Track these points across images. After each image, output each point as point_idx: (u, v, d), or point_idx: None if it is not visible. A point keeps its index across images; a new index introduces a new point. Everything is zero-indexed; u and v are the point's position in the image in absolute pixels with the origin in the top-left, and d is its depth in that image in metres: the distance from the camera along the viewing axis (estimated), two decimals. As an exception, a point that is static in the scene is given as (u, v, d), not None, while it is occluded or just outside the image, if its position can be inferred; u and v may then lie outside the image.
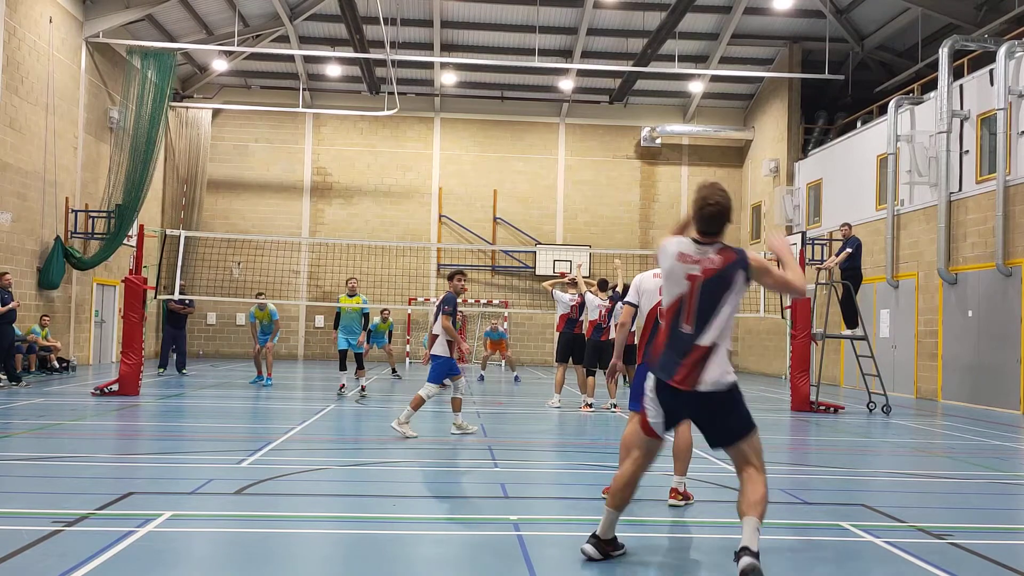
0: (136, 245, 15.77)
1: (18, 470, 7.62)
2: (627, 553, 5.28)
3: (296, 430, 10.70)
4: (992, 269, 16.88)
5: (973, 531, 6.24)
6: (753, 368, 29.01)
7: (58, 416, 11.58)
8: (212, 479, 7.37)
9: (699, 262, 4.85)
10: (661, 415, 4.94)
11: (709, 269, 4.83)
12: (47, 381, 17.16)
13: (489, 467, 8.48)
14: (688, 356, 4.77)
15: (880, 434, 12.37)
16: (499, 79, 29.27)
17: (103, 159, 23.43)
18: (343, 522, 6.16)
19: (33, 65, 19.85)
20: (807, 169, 25.64)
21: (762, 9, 24.86)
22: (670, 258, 5.02)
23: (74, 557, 4.87)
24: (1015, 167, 16.50)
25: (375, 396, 15.91)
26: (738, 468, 4.90)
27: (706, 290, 4.81)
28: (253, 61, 28.11)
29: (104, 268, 23.29)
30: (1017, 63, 16.68)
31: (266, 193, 29.65)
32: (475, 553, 5.45)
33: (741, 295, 4.87)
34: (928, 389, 19.03)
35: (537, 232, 29.95)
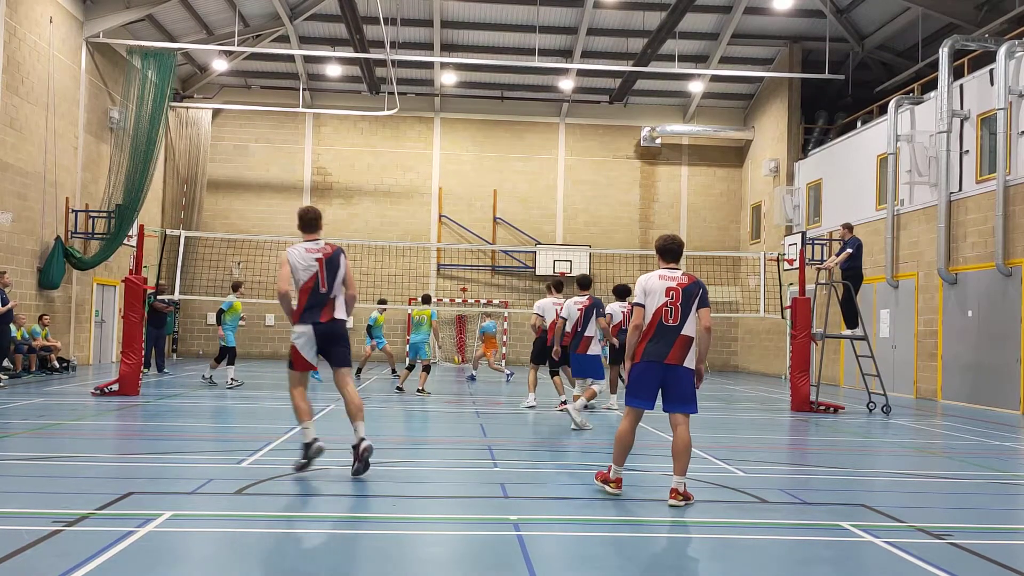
0: (136, 245, 15.78)
1: (18, 470, 7.62)
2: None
3: (296, 430, 10.69)
4: (992, 269, 16.88)
5: (973, 531, 6.24)
6: (753, 368, 29.01)
7: (58, 416, 11.58)
8: (212, 479, 7.37)
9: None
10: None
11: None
12: (47, 381, 17.16)
13: (489, 467, 8.48)
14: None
15: (880, 434, 12.37)
16: (499, 79, 29.27)
17: (103, 159, 23.43)
18: (343, 522, 6.16)
19: (33, 65, 19.85)
20: (807, 169, 25.65)
21: (762, 9, 24.86)
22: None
23: (74, 557, 4.87)
24: (1015, 167, 16.51)
25: (375, 396, 15.92)
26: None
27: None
28: (253, 61, 28.11)
29: (104, 268, 23.30)
30: (1017, 63, 16.68)
31: (266, 193, 29.65)
32: (475, 553, 5.46)
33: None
34: (928, 389, 19.03)
35: (537, 232, 29.95)
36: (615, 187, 30.47)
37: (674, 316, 6.79)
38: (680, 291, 6.85)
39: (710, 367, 30.15)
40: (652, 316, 6.82)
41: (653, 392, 6.85)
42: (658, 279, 6.95)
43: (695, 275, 7.07)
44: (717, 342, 30.67)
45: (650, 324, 6.83)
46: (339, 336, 7.75)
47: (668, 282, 6.87)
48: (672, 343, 6.76)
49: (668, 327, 6.78)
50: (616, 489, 7.01)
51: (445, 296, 29.40)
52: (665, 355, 6.75)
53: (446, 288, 29.64)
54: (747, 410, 15.60)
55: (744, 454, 9.84)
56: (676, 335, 6.76)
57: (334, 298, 7.69)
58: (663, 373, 6.78)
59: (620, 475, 7.05)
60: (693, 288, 6.89)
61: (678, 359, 6.77)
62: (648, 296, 6.93)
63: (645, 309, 6.91)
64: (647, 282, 6.98)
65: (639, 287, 7.01)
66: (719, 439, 11.12)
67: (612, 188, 30.45)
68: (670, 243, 7.11)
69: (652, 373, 6.79)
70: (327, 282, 7.62)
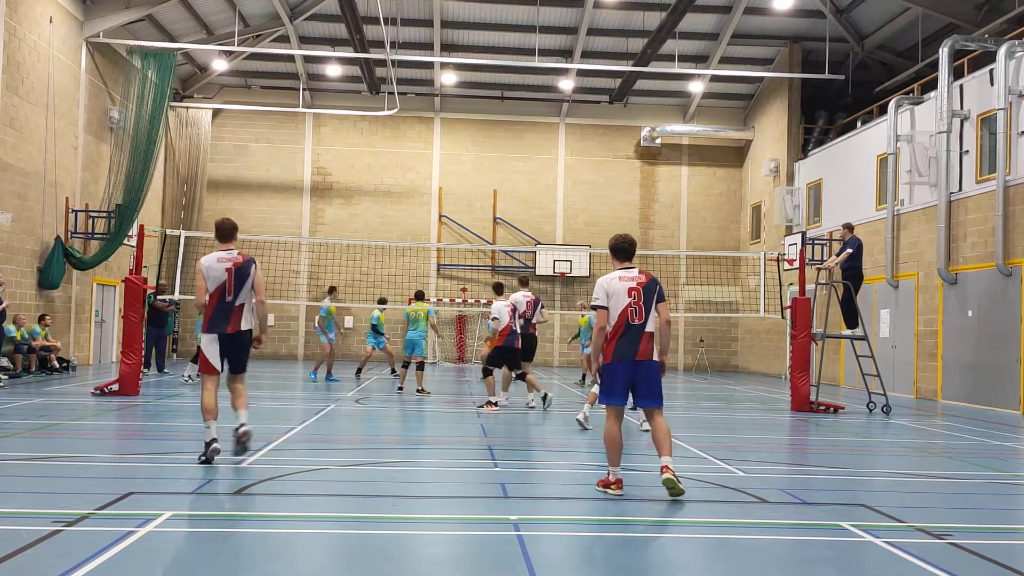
0: (136, 245, 15.78)
1: (18, 470, 7.62)
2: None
3: (296, 430, 10.70)
4: (992, 269, 16.88)
5: (973, 531, 6.24)
6: (753, 368, 29.01)
7: (58, 416, 11.58)
8: (212, 479, 7.37)
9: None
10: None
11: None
12: (47, 381, 17.15)
13: (489, 467, 8.48)
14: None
15: (880, 434, 12.37)
16: (499, 79, 29.27)
17: (103, 159, 23.43)
18: (343, 522, 6.16)
19: (33, 65, 19.85)
20: (807, 169, 25.65)
21: (762, 9, 24.86)
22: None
23: (74, 557, 4.87)
24: (1015, 167, 16.50)
25: (376, 396, 15.92)
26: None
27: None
28: (253, 61, 28.12)
29: (104, 268, 23.30)
30: (1017, 63, 16.68)
31: (266, 193, 29.65)
32: (475, 553, 5.46)
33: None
34: (928, 389, 19.03)
35: (537, 232, 29.95)
36: (615, 187, 30.47)
37: (639, 315, 7.08)
38: (641, 290, 7.14)
39: (710, 367, 30.18)
40: (618, 317, 7.06)
41: (627, 388, 7.12)
42: (619, 280, 7.17)
43: (650, 272, 7.36)
44: (717, 342, 30.70)
45: (617, 324, 7.07)
46: (242, 347, 8.15)
47: (629, 282, 7.14)
48: (639, 340, 7.07)
49: (634, 325, 7.06)
50: (618, 490, 7.07)
51: (445, 296, 29.40)
52: (635, 352, 7.05)
53: (446, 288, 29.64)
54: (747, 410, 15.60)
55: (744, 454, 9.84)
56: (642, 332, 7.08)
57: (241, 306, 8.05)
58: (634, 369, 7.06)
59: (619, 476, 7.13)
60: (651, 285, 7.19)
61: (646, 354, 7.09)
62: (611, 298, 7.13)
63: (609, 311, 7.11)
64: (608, 284, 7.17)
65: (600, 289, 7.19)
66: (719, 439, 11.12)
67: (612, 188, 30.45)
68: (622, 242, 7.37)
69: (624, 371, 7.06)
70: (233, 290, 8.00)
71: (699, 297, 29.31)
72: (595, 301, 7.19)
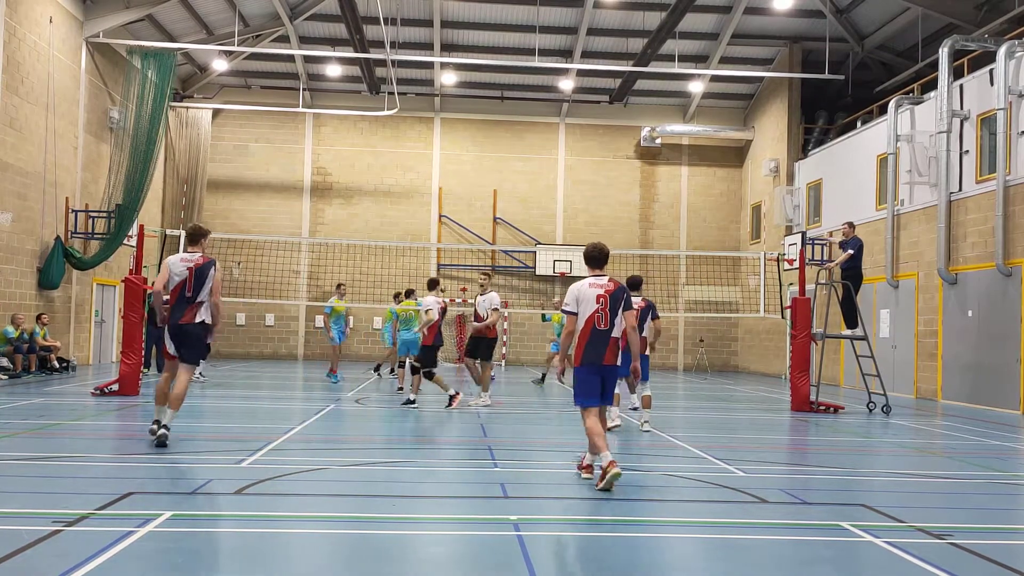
0: (136, 245, 15.79)
1: (18, 470, 7.62)
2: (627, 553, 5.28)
3: (296, 430, 10.70)
4: (992, 269, 16.88)
5: (973, 531, 6.24)
6: (753, 368, 29.02)
7: (58, 416, 11.58)
8: (212, 479, 7.37)
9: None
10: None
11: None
12: (47, 381, 17.16)
13: (489, 467, 8.48)
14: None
15: (880, 434, 12.37)
16: (499, 79, 29.27)
17: (103, 159, 23.43)
18: (343, 522, 6.16)
19: (33, 65, 19.85)
20: (807, 169, 25.65)
21: (762, 9, 24.86)
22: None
23: (74, 557, 4.87)
24: (1015, 167, 16.51)
25: (376, 396, 15.91)
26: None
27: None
28: (253, 61, 28.11)
29: (104, 268, 23.29)
30: (1017, 63, 16.68)
31: (266, 193, 29.65)
32: (475, 553, 5.46)
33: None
34: (928, 389, 19.03)
35: (537, 232, 29.95)
36: (615, 187, 30.47)
37: (605, 321, 7.45)
38: (608, 297, 7.50)
39: (710, 367, 30.18)
40: (586, 322, 7.45)
41: (598, 390, 7.55)
42: (588, 287, 7.55)
43: (618, 281, 7.77)
44: (717, 342, 30.69)
45: (584, 329, 7.47)
46: (191, 336, 8.91)
47: (597, 289, 7.50)
48: (606, 345, 7.47)
49: (601, 331, 7.46)
50: (588, 475, 7.66)
51: (445, 296, 29.35)
52: (602, 357, 7.48)
53: (446, 288, 29.62)
54: (747, 410, 15.60)
55: (744, 454, 9.85)
56: (608, 338, 7.48)
57: (200, 303, 8.92)
58: (602, 373, 7.51)
59: (611, 458, 7.20)
60: (618, 293, 7.56)
61: (612, 360, 7.52)
62: (581, 304, 7.51)
63: (578, 316, 7.49)
64: (579, 291, 7.56)
65: (571, 295, 7.57)
66: (719, 439, 11.12)
67: (612, 188, 30.45)
68: (594, 251, 7.79)
69: (594, 375, 7.51)
70: (193, 288, 8.89)
71: (699, 297, 29.30)
72: (565, 307, 7.58)
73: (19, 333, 18.10)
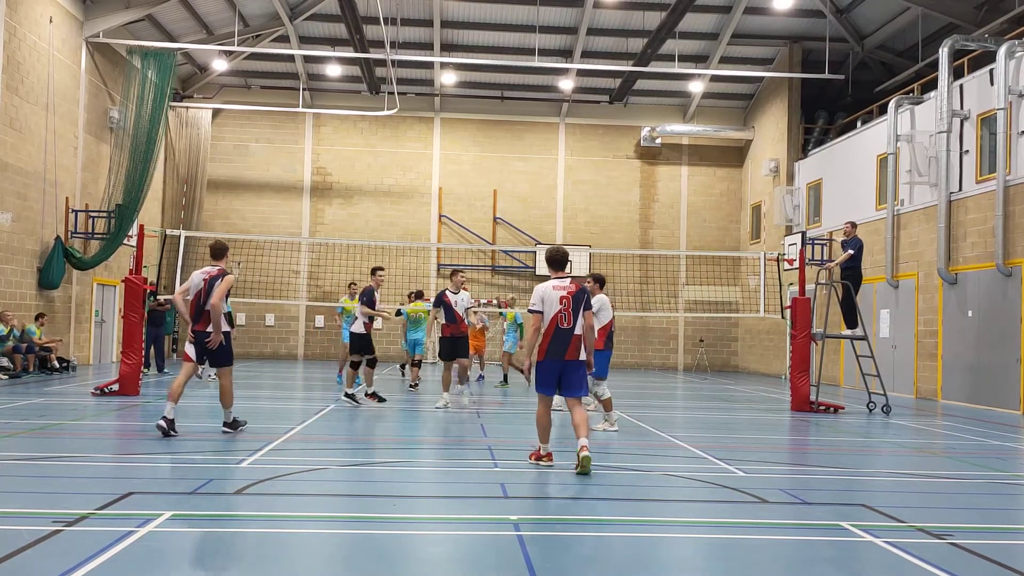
0: (136, 245, 15.78)
1: (18, 470, 7.62)
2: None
3: (296, 430, 10.71)
4: (992, 269, 16.88)
5: (973, 531, 6.24)
6: (753, 368, 29.02)
7: (58, 416, 11.58)
8: (212, 479, 7.37)
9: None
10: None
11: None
12: (47, 381, 17.15)
13: (489, 467, 8.48)
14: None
15: (880, 434, 12.37)
16: (499, 79, 29.27)
17: (103, 159, 23.43)
18: (343, 522, 6.16)
19: (33, 65, 19.85)
20: (807, 169, 25.64)
21: (762, 9, 24.86)
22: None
23: (74, 557, 4.87)
24: (1015, 167, 16.50)
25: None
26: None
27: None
28: (253, 61, 28.11)
29: (104, 268, 23.30)
30: (1017, 63, 16.68)
31: (266, 193, 29.65)
32: (475, 553, 5.46)
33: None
34: (928, 389, 19.03)
35: (537, 232, 29.95)
36: (615, 187, 30.47)
37: (567, 320, 8.16)
38: (570, 298, 8.18)
39: (710, 367, 30.19)
40: (550, 321, 8.16)
41: (555, 382, 8.24)
42: (552, 289, 8.23)
43: (580, 282, 8.53)
44: (717, 342, 30.70)
45: (548, 327, 8.17)
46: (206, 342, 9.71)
47: (560, 291, 8.18)
48: (568, 342, 8.16)
49: (563, 329, 8.15)
50: (550, 462, 8.30)
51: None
52: (564, 353, 8.15)
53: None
54: (747, 410, 15.60)
55: (744, 454, 9.84)
56: (570, 335, 8.17)
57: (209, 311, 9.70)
58: (562, 367, 8.17)
59: (549, 451, 8.32)
60: (579, 295, 8.24)
61: (573, 355, 8.18)
62: (545, 304, 8.20)
63: (543, 315, 8.19)
64: (544, 292, 8.25)
65: (536, 296, 8.29)
66: (719, 439, 11.12)
67: (612, 188, 30.45)
68: (556, 254, 8.41)
69: (554, 368, 8.18)
70: (205, 298, 9.70)
71: (699, 297, 29.31)
72: (532, 306, 8.28)
73: (9, 330, 17.97)
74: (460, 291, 14.29)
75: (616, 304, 28.79)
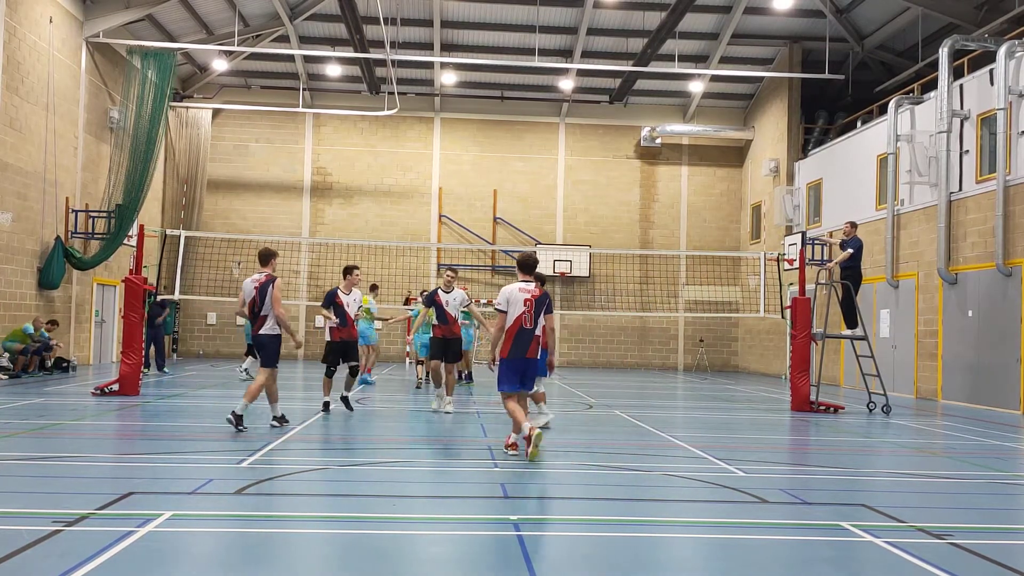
0: (136, 245, 15.78)
1: (18, 470, 7.62)
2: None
3: (296, 430, 10.71)
4: (992, 269, 16.88)
5: (973, 531, 6.24)
6: (753, 368, 29.02)
7: (58, 416, 11.58)
8: (212, 479, 7.37)
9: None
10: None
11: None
12: (47, 381, 17.15)
13: (489, 467, 8.48)
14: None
15: (880, 434, 12.37)
16: (499, 79, 29.27)
17: (103, 159, 23.43)
18: (343, 522, 6.16)
19: (33, 65, 19.85)
20: (807, 169, 25.64)
21: (762, 9, 24.86)
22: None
23: (74, 557, 4.87)
24: (1015, 167, 16.50)
25: (376, 396, 15.92)
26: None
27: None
28: (253, 61, 28.11)
29: (104, 268, 23.30)
30: (1017, 63, 16.68)
31: (266, 193, 29.65)
32: (475, 553, 5.46)
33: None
34: (928, 389, 19.03)
35: (537, 232, 29.95)
36: (615, 187, 30.47)
37: (530, 321, 8.77)
38: (534, 301, 8.79)
39: (710, 367, 30.19)
40: (514, 321, 8.72)
41: (519, 379, 8.88)
42: (518, 291, 8.79)
43: (543, 287, 9.14)
44: (717, 342, 30.71)
45: (512, 327, 8.74)
46: (261, 344, 10.58)
47: (525, 294, 8.77)
48: (530, 342, 8.79)
49: (526, 330, 8.77)
50: (515, 451, 8.83)
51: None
52: (526, 351, 8.80)
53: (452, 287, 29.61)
54: (747, 410, 15.60)
55: (744, 454, 9.84)
56: (532, 336, 8.80)
57: (265, 316, 10.45)
58: (524, 365, 8.85)
59: (517, 441, 8.89)
60: (543, 298, 8.88)
61: (534, 354, 8.87)
62: (511, 305, 8.76)
63: (508, 315, 8.74)
64: (510, 293, 8.80)
65: (503, 296, 8.82)
66: (719, 439, 11.12)
67: (612, 188, 30.45)
68: (529, 260, 9.06)
69: (518, 366, 8.83)
70: (259, 303, 10.44)
71: (699, 297, 29.32)
72: (498, 306, 8.82)
73: (38, 333, 18.29)
74: (453, 290, 13.36)
75: (616, 304, 28.86)
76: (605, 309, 28.62)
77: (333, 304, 12.49)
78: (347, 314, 12.49)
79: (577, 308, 29.35)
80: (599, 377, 23.91)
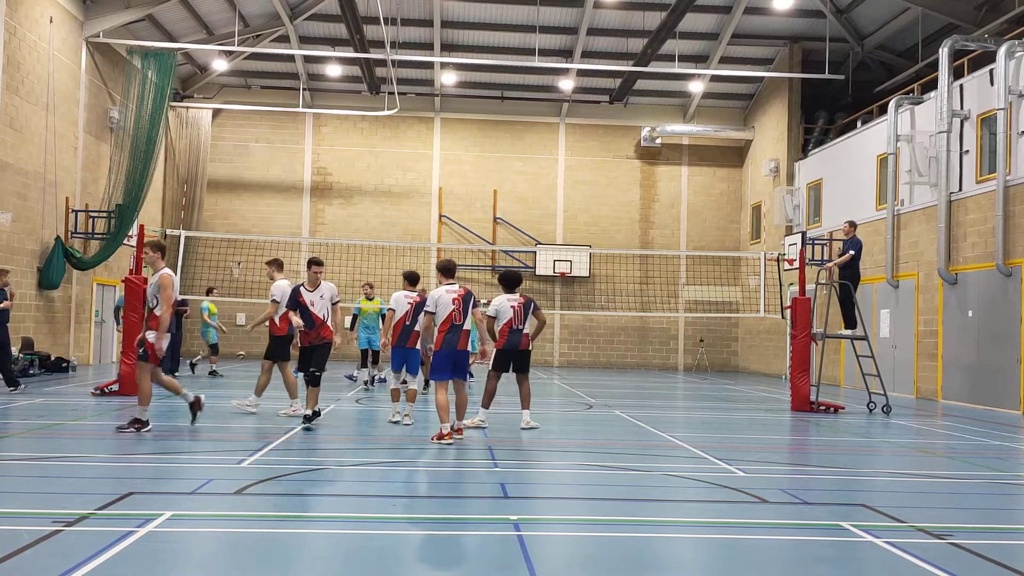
0: (136, 245, 15.77)
1: (18, 470, 7.62)
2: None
3: (296, 430, 10.70)
4: (992, 269, 16.88)
5: (973, 531, 6.24)
6: (753, 368, 29.02)
7: (58, 416, 11.58)
8: (212, 479, 7.37)
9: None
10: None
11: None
12: (47, 381, 17.15)
13: (489, 467, 8.48)
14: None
15: (880, 434, 12.37)
16: (499, 79, 29.27)
17: (103, 159, 23.43)
18: (343, 522, 6.16)
19: (33, 65, 19.85)
20: (807, 169, 25.64)
21: (762, 9, 24.86)
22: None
23: (74, 557, 4.87)
24: (1015, 167, 16.50)
25: (378, 396, 15.92)
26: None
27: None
28: (253, 61, 28.11)
29: (104, 268, 23.30)
30: (1017, 63, 16.68)
31: (266, 193, 29.66)
32: (475, 553, 5.46)
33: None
34: (928, 389, 19.03)
35: (537, 232, 29.95)
36: (615, 187, 30.47)
37: (459, 317, 9.96)
38: (460, 300, 9.98)
39: (710, 367, 30.19)
40: (445, 319, 9.89)
41: (451, 369, 9.97)
42: (446, 293, 9.97)
43: (466, 288, 10.27)
44: (717, 342, 30.70)
45: (444, 323, 9.90)
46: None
47: (452, 294, 9.99)
48: (459, 335, 9.95)
49: (456, 325, 9.93)
50: (449, 440, 9.59)
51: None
52: (456, 344, 9.91)
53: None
54: (747, 410, 15.60)
55: (744, 454, 9.85)
56: (460, 330, 9.97)
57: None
58: (455, 356, 9.95)
59: (448, 430, 9.65)
60: (467, 297, 10.08)
61: (463, 345, 10.02)
62: (439, 307, 9.93)
63: (437, 315, 9.92)
64: (438, 297, 9.95)
65: (431, 300, 10.00)
66: (719, 439, 11.12)
67: (612, 188, 30.45)
68: (449, 265, 10.37)
69: (449, 357, 9.92)
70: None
71: (699, 297, 29.32)
72: (427, 308, 9.99)
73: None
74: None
75: (616, 304, 28.87)
76: (605, 309, 28.63)
77: (298, 305, 11.17)
78: (313, 315, 11.06)
79: (577, 308, 29.36)
80: (599, 377, 23.91)
